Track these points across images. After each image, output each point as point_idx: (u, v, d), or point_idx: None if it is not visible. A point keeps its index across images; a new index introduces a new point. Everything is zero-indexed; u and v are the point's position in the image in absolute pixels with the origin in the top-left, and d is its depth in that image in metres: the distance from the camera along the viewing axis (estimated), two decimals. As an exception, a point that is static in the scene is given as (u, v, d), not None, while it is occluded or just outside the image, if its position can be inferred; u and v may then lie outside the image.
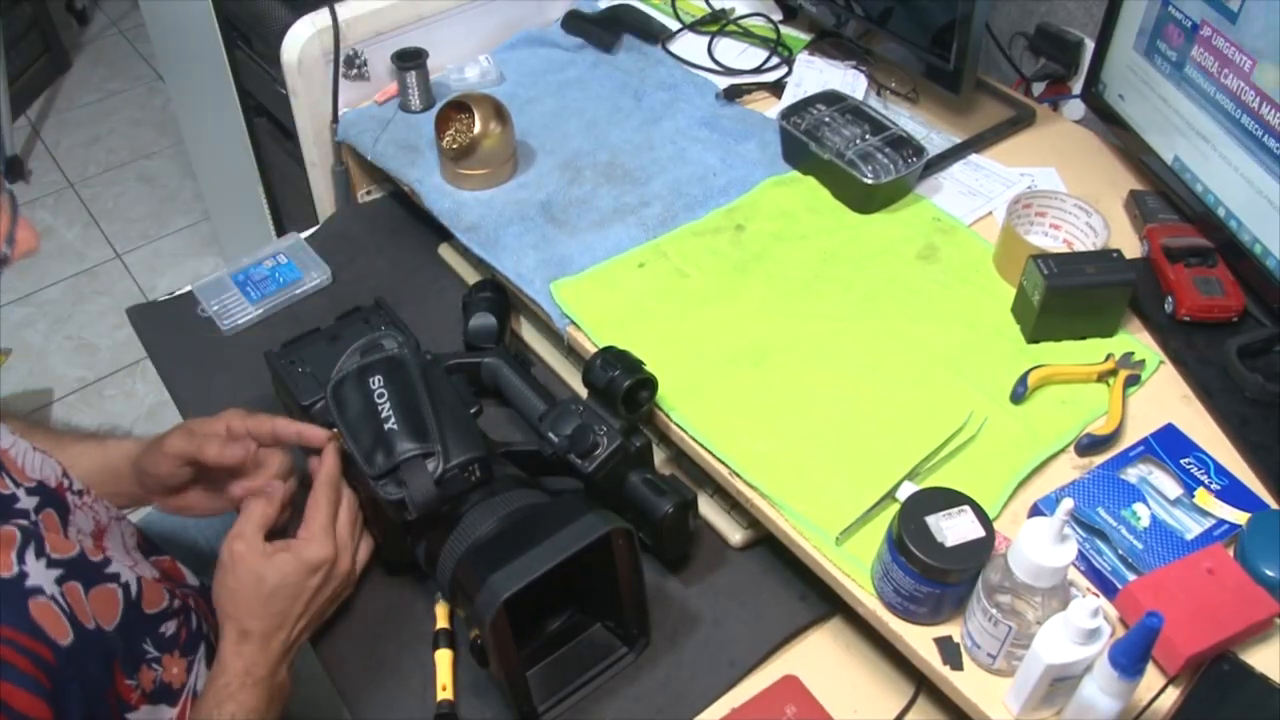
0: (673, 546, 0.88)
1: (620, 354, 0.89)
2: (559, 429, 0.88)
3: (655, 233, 1.09)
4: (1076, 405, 0.91)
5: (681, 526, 0.87)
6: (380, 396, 0.84)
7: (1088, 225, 1.04)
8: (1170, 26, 1.03)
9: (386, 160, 1.22)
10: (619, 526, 0.77)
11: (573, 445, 0.86)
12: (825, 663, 0.85)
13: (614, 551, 0.78)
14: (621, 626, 0.85)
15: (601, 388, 0.87)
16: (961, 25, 1.10)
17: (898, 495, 0.83)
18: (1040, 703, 0.70)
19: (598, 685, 0.83)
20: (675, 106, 1.27)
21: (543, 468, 0.91)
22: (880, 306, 1.01)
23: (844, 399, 0.92)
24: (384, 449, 0.81)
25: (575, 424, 0.87)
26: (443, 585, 0.82)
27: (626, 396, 0.86)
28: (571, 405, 0.90)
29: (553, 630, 0.86)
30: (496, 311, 1.06)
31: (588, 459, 0.86)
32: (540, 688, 0.82)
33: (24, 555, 0.67)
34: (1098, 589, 0.79)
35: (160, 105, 2.92)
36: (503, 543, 0.78)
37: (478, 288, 1.08)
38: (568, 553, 0.74)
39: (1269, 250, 0.94)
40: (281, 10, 1.27)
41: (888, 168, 1.09)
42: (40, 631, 0.64)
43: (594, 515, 0.77)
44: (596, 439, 0.86)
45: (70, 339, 2.28)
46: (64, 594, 0.69)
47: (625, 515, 0.83)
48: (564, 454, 0.87)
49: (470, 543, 0.79)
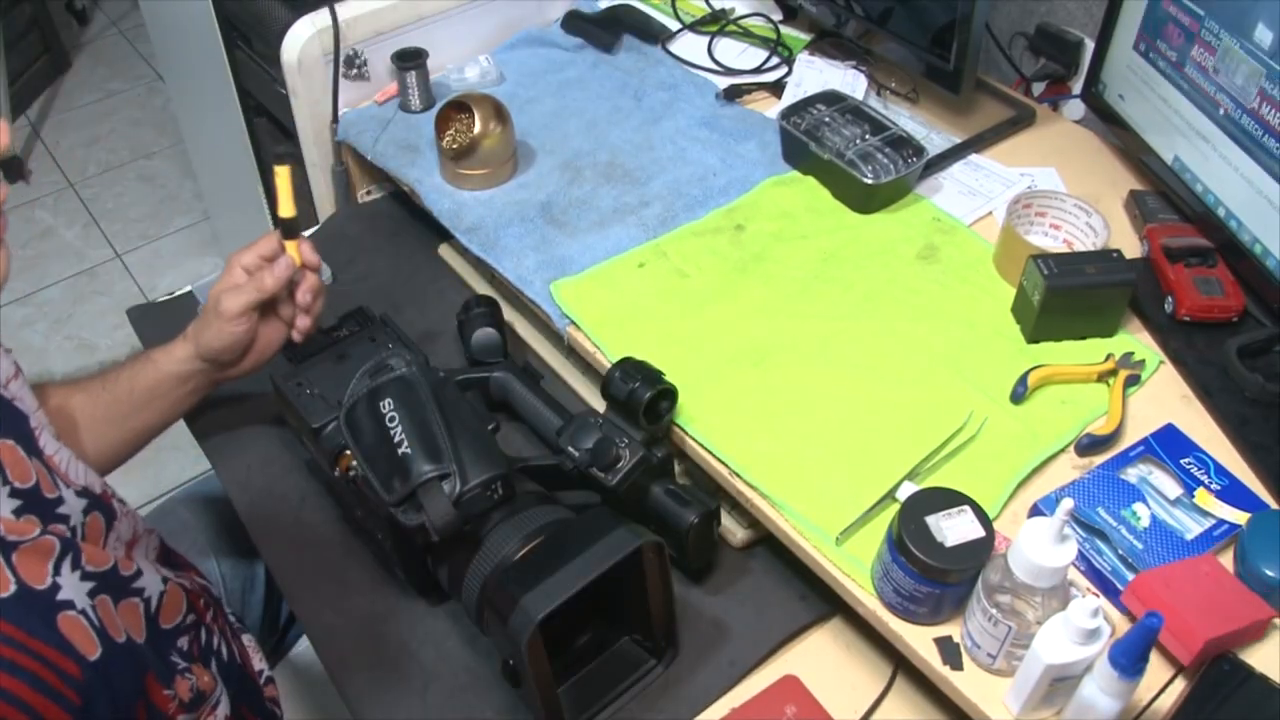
0: (698, 557, 0.88)
1: (639, 365, 0.88)
2: (579, 443, 0.87)
3: (655, 233, 1.09)
4: (1076, 405, 0.91)
5: (707, 536, 0.86)
6: (392, 420, 0.82)
7: (1088, 225, 1.04)
8: (1170, 26, 1.03)
9: (386, 160, 1.22)
10: (650, 540, 0.76)
11: (595, 459, 0.85)
12: (825, 663, 0.85)
13: (644, 566, 0.77)
14: (650, 639, 0.84)
15: (622, 400, 0.86)
16: (961, 25, 1.10)
17: (898, 495, 0.83)
18: (1040, 703, 0.70)
19: (628, 700, 0.82)
20: (675, 106, 1.27)
21: (559, 482, 0.90)
22: (880, 306, 1.01)
23: (844, 399, 0.92)
24: (400, 474, 0.79)
25: (596, 437, 0.86)
26: (469, 607, 0.81)
27: (648, 408, 0.86)
28: (590, 418, 0.89)
29: (580, 645, 0.85)
30: (495, 324, 1.04)
31: (610, 472, 0.85)
32: (571, 705, 0.81)
33: (60, 567, 0.66)
34: (1098, 589, 0.79)
35: (160, 105, 2.92)
36: (532, 562, 0.76)
37: (471, 304, 1.06)
38: (601, 569, 0.73)
39: (1269, 250, 0.94)
40: (281, 10, 1.27)
41: (888, 168, 1.09)
42: (69, 646, 0.64)
43: (624, 530, 0.76)
44: (619, 451, 0.85)
45: (70, 339, 2.28)
46: (95, 607, 0.68)
47: (649, 527, 0.83)
48: (585, 468, 0.86)
49: (497, 563, 0.78)
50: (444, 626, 0.89)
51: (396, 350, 0.97)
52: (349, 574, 0.93)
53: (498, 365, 1.02)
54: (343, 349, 1.00)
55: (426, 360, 0.96)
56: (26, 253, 2.48)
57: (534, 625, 0.70)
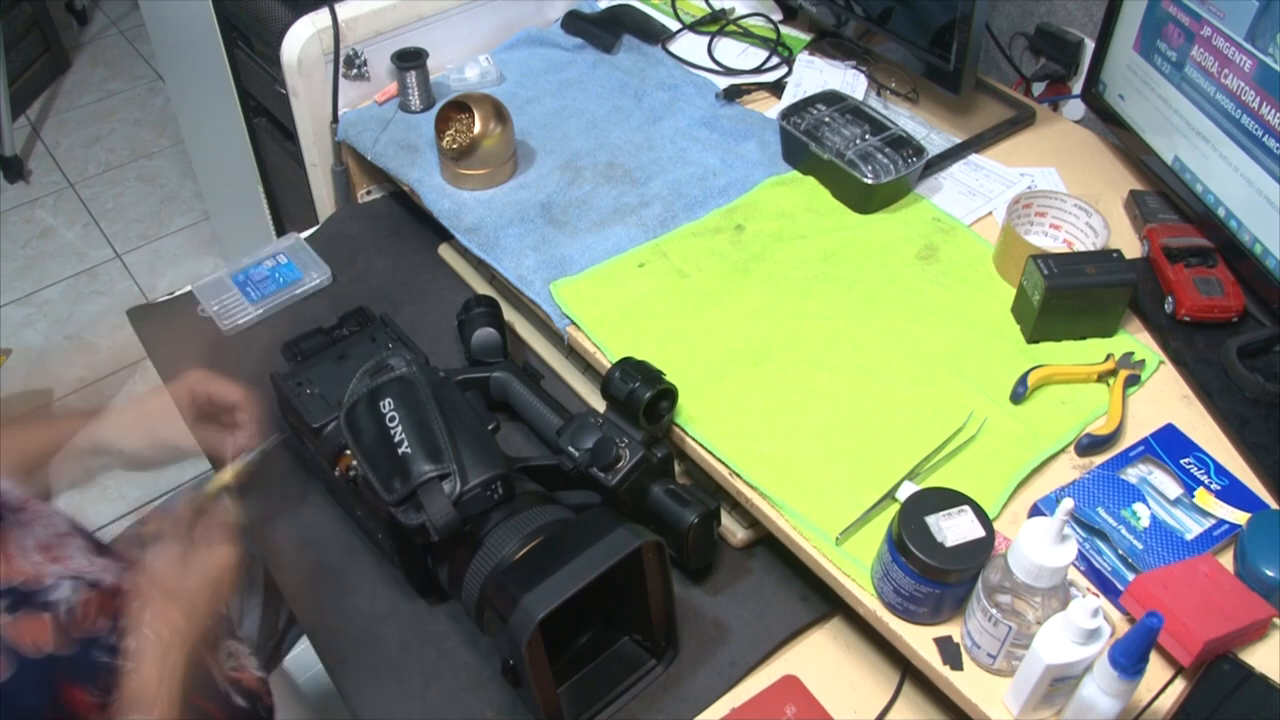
0: (698, 557, 0.88)
1: (639, 364, 0.88)
2: (579, 443, 0.87)
3: (655, 233, 1.09)
4: (1076, 405, 0.91)
5: (707, 536, 0.86)
6: (392, 420, 0.82)
7: (1088, 225, 1.04)
8: (1170, 26, 1.03)
9: (386, 160, 1.22)
10: (650, 540, 0.76)
11: (595, 459, 0.85)
12: (825, 663, 0.85)
13: (644, 566, 0.77)
14: (650, 639, 0.84)
15: (622, 400, 0.86)
16: (961, 25, 1.10)
17: (898, 495, 0.83)
18: (1040, 703, 0.70)
19: (628, 700, 0.82)
20: (675, 107, 1.27)
21: (559, 482, 0.90)
22: (880, 306, 1.01)
23: (844, 399, 0.92)
24: (400, 474, 0.79)
25: (596, 437, 0.86)
26: (469, 607, 0.81)
27: (648, 408, 0.86)
28: (590, 418, 0.89)
29: (580, 645, 0.85)
30: (495, 324, 1.05)
31: (611, 472, 0.85)
32: (571, 705, 0.81)
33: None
34: (1098, 589, 0.79)
35: (160, 105, 2.92)
36: (532, 562, 0.77)
37: (471, 304, 1.06)
38: (601, 569, 0.73)
39: (1269, 250, 0.94)
40: (281, 10, 1.27)
41: (888, 168, 1.09)
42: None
43: (624, 529, 0.76)
44: (619, 451, 0.85)
45: (70, 339, 2.28)
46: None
47: (649, 527, 0.83)
48: (585, 468, 0.86)
49: (496, 563, 0.78)
50: (444, 626, 0.89)
51: (396, 350, 0.97)
52: (349, 574, 0.93)
53: (498, 365, 1.02)
54: (343, 349, 1.00)
55: (426, 360, 0.95)
56: (26, 253, 2.48)
57: (534, 625, 0.70)
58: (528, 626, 0.70)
